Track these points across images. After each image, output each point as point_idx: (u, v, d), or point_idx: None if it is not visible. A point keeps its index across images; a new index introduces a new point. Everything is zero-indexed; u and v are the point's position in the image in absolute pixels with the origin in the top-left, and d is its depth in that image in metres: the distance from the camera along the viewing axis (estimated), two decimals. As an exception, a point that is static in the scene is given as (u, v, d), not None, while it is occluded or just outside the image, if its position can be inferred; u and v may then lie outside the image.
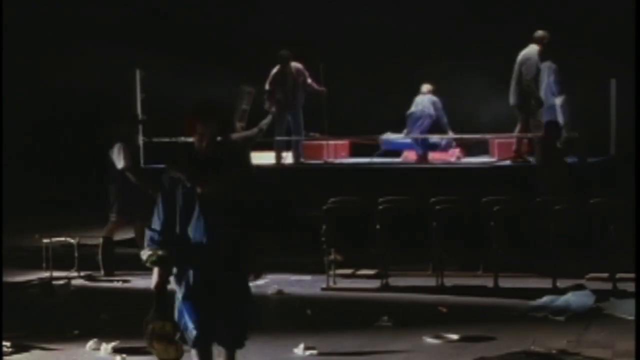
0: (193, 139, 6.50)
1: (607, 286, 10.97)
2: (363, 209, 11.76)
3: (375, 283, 11.64)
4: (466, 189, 13.00)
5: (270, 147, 15.72)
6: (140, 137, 15.29)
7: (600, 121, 14.82)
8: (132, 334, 8.65)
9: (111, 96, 17.75)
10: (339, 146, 17.30)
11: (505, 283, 11.30)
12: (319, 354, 8.40)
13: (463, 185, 13.88)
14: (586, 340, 8.83)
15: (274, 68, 15.52)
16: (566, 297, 10.46)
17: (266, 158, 15.55)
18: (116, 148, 12.49)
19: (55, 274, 12.25)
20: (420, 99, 16.50)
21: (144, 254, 6.51)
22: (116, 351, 8.51)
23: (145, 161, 15.52)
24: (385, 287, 11.48)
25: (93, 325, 9.52)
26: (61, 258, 12.50)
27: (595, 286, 10.97)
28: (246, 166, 6.71)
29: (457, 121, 16.66)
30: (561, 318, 9.74)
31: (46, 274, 12.25)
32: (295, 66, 15.54)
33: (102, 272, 12.47)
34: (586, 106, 14.88)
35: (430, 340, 8.83)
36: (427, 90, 16.53)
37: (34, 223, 14.95)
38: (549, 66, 14.85)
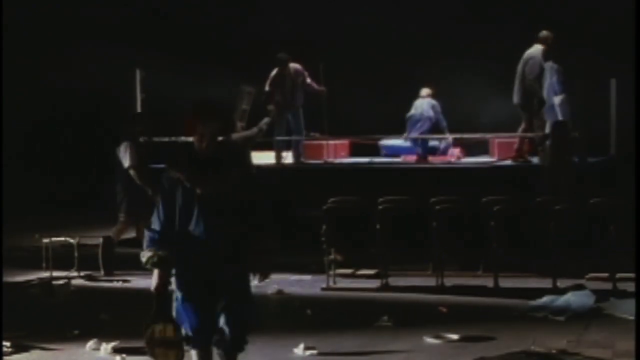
0: (193, 139, 6.49)
1: (607, 286, 10.96)
2: (363, 209, 11.75)
3: (375, 283, 11.64)
4: (466, 189, 12.99)
5: (270, 147, 15.72)
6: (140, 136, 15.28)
7: (600, 121, 14.82)
8: (132, 334, 8.65)
9: (111, 96, 17.76)
10: (339, 146, 17.30)
11: (505, 283, 11.30)
12: (319, 354, 8.40)
13: (463, 185, 13.88)
14: (586, 340, 8.82)
15: (273, 71, 15.51)
16: (566, 297, 10.45)
17: (266, 158, 15.55)
18: (122, 147, 12.39)
19: (55, 274, 12.25)
20: (419, 102, 16.59)
21: (144, 256, 6.50)
22: (116, 351, 8.51)
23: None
24: (385, 287, 11.47)
25: (93, 325, 9.52)
26: (61, 258, 12.50)
27: (595, 286, 10.96)
28: (246, 166, 6.70)
29: (457, 121, 16.66)
30: (561, 318, 9.74)
31: (46, 274, 12.25)
32: (293, 67, 15.53)
33: (102, 272, 12.47)
34: (586, 106, 14.88)
35: (430, 340, 8.83)
36: (427, 94, 16.63)
37: (34, 223, 14.94)
38: (551, 66, 14.84)
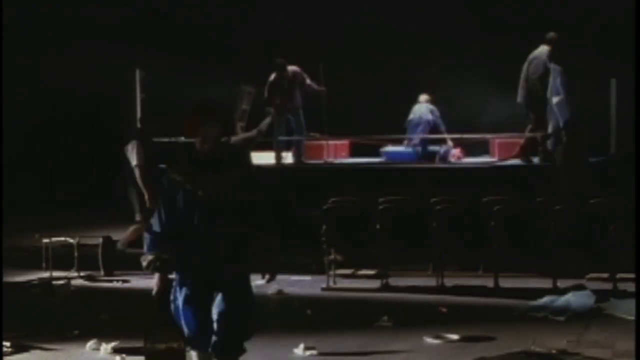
0: (195, 141, 6.44)
1: (607, 286, 10.96)
2: (363, 209, 11.75)
3: (375, 283, 11.64)
4: (466, 189, 13.00)
5: (270, 147, 15.72)
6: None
7: (600, 121, 14.82)
8: (132, 334, 8.65)
9: (111, 96, 17.76)
10: (339, 146, 17.30)
11: (505, 283, 11.30)
12: (319, 354, 8.39)
13: (463, 185, 13.88)
14: (586, 340, 8.82)
15: (271, 75, 15.46)
16: (566, 297, 10.45)
17: (266, 158, 15.55)
18: (130, 145, 12.21)
19: (55, 274, 12.25)
20: (418, 107, 16.81)
21: (145, 259, 6.44)
22: (116, 351, 8.50)
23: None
24: (385, 287, 11.47)
25: (93, 325, 9.51)
26: (61, 258, 12.50)
27: (595, 286, 10.96)
28: (247, 167, 6.66)
29: (458, 121, 16.67)
30: (561, 318, 9.74)
31: (46, 274, 12.25)
32: (292, 70, 15.49)
33: (102, 272, 12.47)
34: (586, 106, 14.87)
35: (430, 340, 8.83)
36: (425, 99, 16.82)
37: (34, 223, 14.94)
38: (554, 67, 14.84)
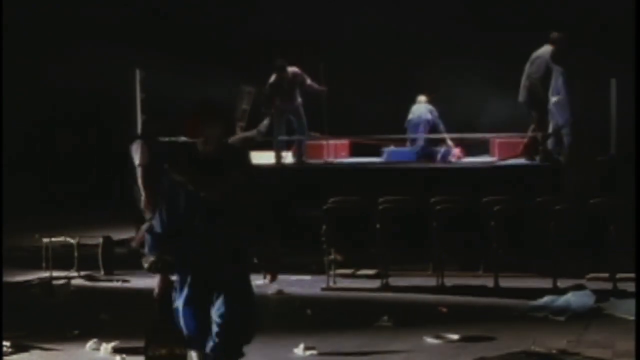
0: (197, 141, 6.40)
1: (607, 286, 10.96)
2: (363, 209, 11.75)
3: (375, 283, 11.64)
4: (466, 189, 13.00)
5: (270, 147, 15.72)
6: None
7: (600, 121, 14.82)
8: (132, 334, 8.65)
9: (111, 96, 17.76)
10: (339, 146, 17.30)
11: (505, 283, 11.30)
12: (319, 354, 8.40)
13: (463, 185, 13.88)
14: (586, 340, 8.82)
15: (271, 77, 15.44)
16: (566, 297, 10.45)
17: (266, 158, 15.55)
18: (135, 145, 12.02)
19: (55, 274, 12.25)
20: (417, 107, 16.92)
21: (147, 261, 6.41)
22: (116, 351, 8.51)
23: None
24: (385, 287, 11.48)
25: (93, 325, 9.51)
26: (61, 258, 12.50)
27: (595, 286, 10.96)
28: (248, 167, 6.62)
29: (458, 121, 16.67)
30: (561, 318, 9.74)
31: (46, 274, 12.25)
32: (292, 71, 15.47)
33: (102, 272, 12.47)
34: (586, 106, 14.87)
35: (430, 340, 8.83)
36: (423, 100, 17.01)
37: (34, 223, 14.94)
38: (556, 68, 14.83)
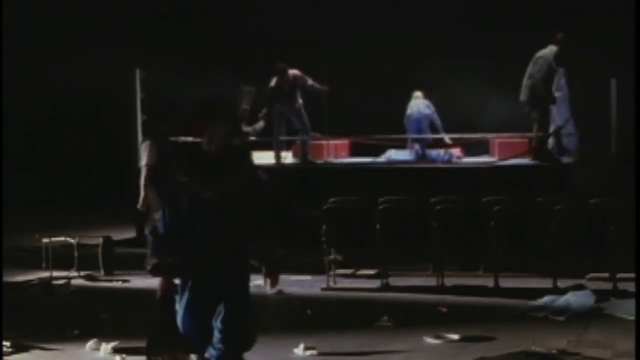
0: (202, 140, 6.32)
1: (607, 286, 10.96)
2: (363, 209, 11.75)
3: (375, 283, 11.64)
4: (466, 189, 13.00)
5: (270, 147, 15.71)
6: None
7: (600, 121, 14.82)
8: (132, 334, 8.65)
9: (111, 96, 17.75)
10: (339, 146, 17.29)
11: (505, 283, 11.30)
12: (319, 354, 8.40)
13: (463, 185, 13.88)
14: (586, 340, 8.82)
15: (272, 80, 15.40)
16: (566, 297, 10.45)
17: (266, 158, 15.54)
18: (144, 144, 11.59)
19: (55, 274, 12.25)
20: (414, 102, 16.82)
21: (150, 263, 6.35)
22: (116, 351, 8.50)
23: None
24: (385, 287, 11.48)
25: (93, 325, 9.51)
26: (61, 258, 12.51)
27: (595, 286, 10.96)
28: (251, 168, 6.55)
29: (458, 121, 16.66)
30: (561, 318, 9.74)
31: (46, 274, 12.25)
32: (292, 74, 15.43)
33: (102, 272, 12.48)
34: (586, 106, 14.88)
35: (430, 340, 8.83)
36: (419, 95, 16.88)
37: (34, 223, 14.95)
38: (559, 68, 14.84)
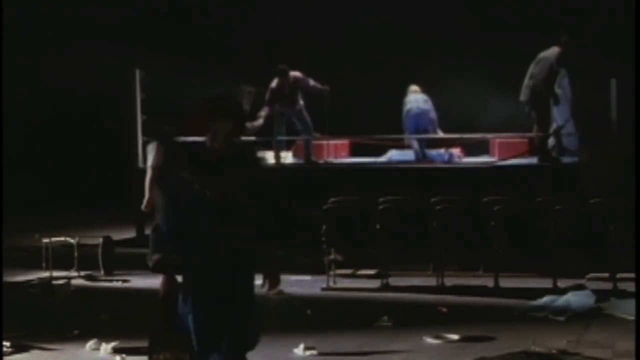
0: (205, 138, 6.25)
1: (608, 286, 10.97)
2: (363, 209, 11.76)
3: (375, 283, 11.64)
4: (466, 189, 13.00)
5: (270, 147, 15.71)
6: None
7: (600, 121, 14.82)
8: (132, 334, 8.66)
9: (111, 96, 17.75)
10: (339, 146, 17.29)
11: (505, 283, 11.30)
12: (319, 354, 8.40)
13: (463, 185, 13.88)
14: (586, 340, 8.82)
15: (273, 82, 15.40)
16: (566, 297, 10.45)
17: (266, 158, 15.54)
18: (151, 145, 11.50)
19: (55, 274, 12.26)
20: (413, 97, 16.45)
21: (152, 260, 6.33)
22: (116, 351, 8.51)
23: (144, 161, 15.51)
24: (385, 287, 11.48)
25: (93, 325, 9.52)
26: (61, 258, 12.50)
27: (595, 286, 10.97)
28: (254, 168, 6.49)
29: (457, 121, 16.65)
30: (561, 318, 9.74)
31: (46, 274, 12.25)
32: (293, 75, 15.42)
33: (102, 272, 12.48)
34: (586, 106, 14.87)
35: (430, 340, 8.83)
36: (416, 90, 16.52)
37: (34, 223, 14.95)
38: (561, 70, 14.82)
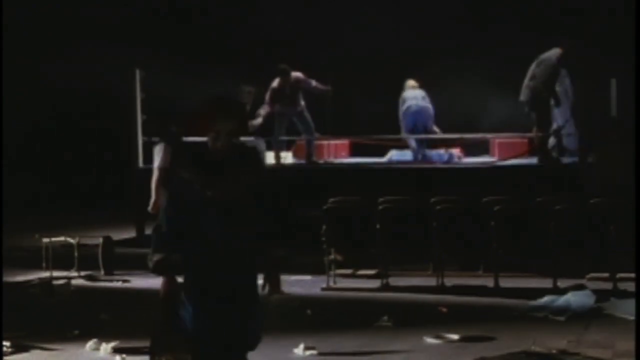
0: (208, 138, 6.23)
1: (608, 286, 10.97)
2: (363, 209, 11.76)
3: (375, 283, 11.64)
4: (466, 189, 13.00)
5: (270, 147, 15.71)
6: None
7: (600, 121, 14.82)
8: (132, 334, 8.66)
9: (111, 96, 17.75)
10: (339, 146, 17.29)
11: (505, 283, 11.30)
12: (319, 354, 8.40)
13: (463, 185, 13.89)
14: (586, 340, 8.82)
15: (274, 81, 15.40)
16: (566, 297, 10.46)
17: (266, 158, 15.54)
18: (159, 146, 11.46)
19: (55, 274, 12.25)
20: (412, 94, 16.28)
21: (152, 260, 6.31)
22: (116, 351, 8.51)
23: (145, 161, 15.54)
24: (385, 287, 11.48)
25: (93, 325, 9.52)
26: (61, 258, 12.50)
27: (595, 286, 10.97)
28: (257, 168, 6.46)
29: (457, 121, 16.65)
30: (561, 318, 9.74)
31: (46, 274, 12.25)
32: (295, 76, 15.41)
33: (102, 272, 12.48)
34: (586, 106, 14.88)
35: (430, 340, 8.83)
36: (416, 85, 16.32)
37: (34, 223, 14.95)
38: (563, 70, 14.82)
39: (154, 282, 6.57)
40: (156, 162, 11.47)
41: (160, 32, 18.94)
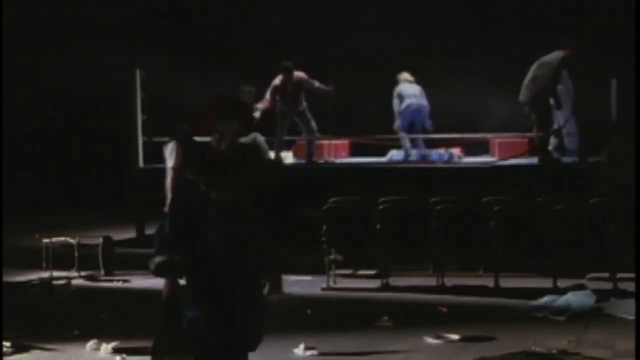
0: (211, 138, 6.20)
1: (608, 286, 10.97)
2: (363, 209, 11.76)
3: (375, 283, 11.64)
4: (466, 189, 13.00)
5: (270, 147, 15.70)
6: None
7: (600, 121, 14.83)
8: (132, 334, 8.66)
9: (111, 96, 17.75)
10: (339, 146, 17.29)
11: (505, 283, 11.30)
12: (319, 354, 8.40)
13: (463, 185, 13.89)
14: (586, 340, 8.82)
15: (276, 78, 15.38)
16: (566, 297, 10.46)
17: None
18: (170, 145, 11.40)
19: (55, 274, 12.25)
20: (410, 89, 16.19)
21: (154, 262, 6.28)
22: (116, 351, 8.51)
23: (145, 161, 15.54)
24: (385, 287, 11.48)
25: (93, 325, 9.52)
26: (61, 258, 12.51)
27: (595, 286, 10.97)
28: (261, 169, 6.44)
29: (457, 121, 16.64)
30: (561, 318, 9.74)
31: (46, 274, 12.25)
32: (297, 75, 15.39)
33: (102, 272, 12.47)
34: (586, 106, 14.88)
35: (430, 340, 8.83)
36: (408, 79, 16.21)
37: (34, 223, 14.95)
38: (564, 71, 14.82)
39: (154, 282, 6.57)
40: (169, 163, 11.39)
41: (160, 32, 18.93)
